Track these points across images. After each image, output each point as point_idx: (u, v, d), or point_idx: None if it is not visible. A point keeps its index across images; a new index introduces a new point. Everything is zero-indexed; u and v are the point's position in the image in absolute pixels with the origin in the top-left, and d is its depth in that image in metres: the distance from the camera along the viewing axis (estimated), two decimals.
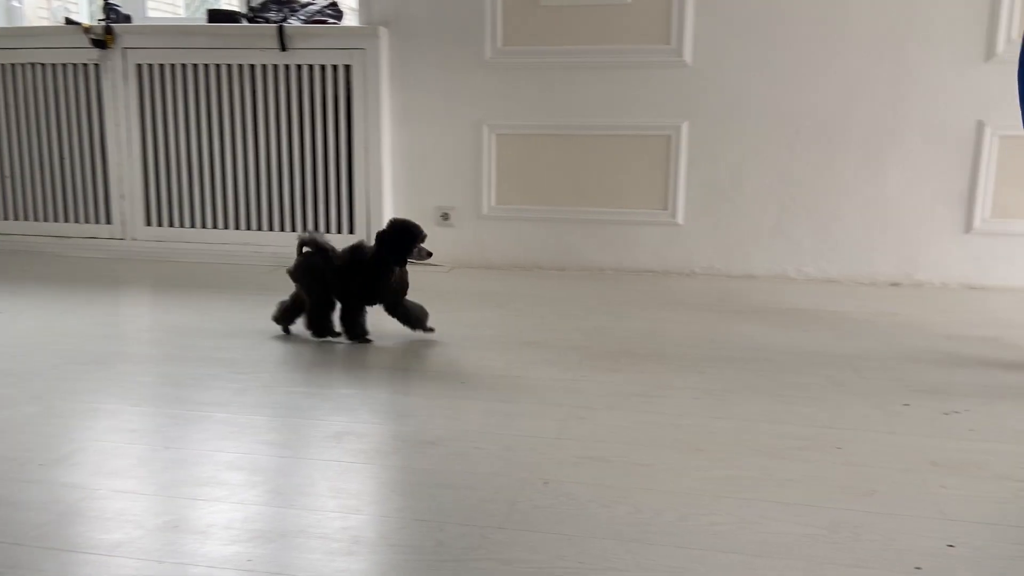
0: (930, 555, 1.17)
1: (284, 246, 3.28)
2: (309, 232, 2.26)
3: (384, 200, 3.21)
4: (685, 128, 3.07)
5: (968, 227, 2.92)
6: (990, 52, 2.80)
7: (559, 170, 3.19)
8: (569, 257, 3.23)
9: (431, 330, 2.28)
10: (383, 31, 3.14)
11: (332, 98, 3.19)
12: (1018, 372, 2.01)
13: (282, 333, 2.31)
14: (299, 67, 3.19)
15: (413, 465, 1.46)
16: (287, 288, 2.97)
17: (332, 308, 2.24)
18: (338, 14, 3.41)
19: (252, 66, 3.23)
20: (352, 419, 1.67)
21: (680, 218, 3.14)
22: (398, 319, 2.26)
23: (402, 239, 2.19)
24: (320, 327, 2.24)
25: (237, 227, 3.34)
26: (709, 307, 2.68)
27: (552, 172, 3.19)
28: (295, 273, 2.25)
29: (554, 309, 2.62)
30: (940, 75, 2.85)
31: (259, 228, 3.32)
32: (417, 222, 2.25)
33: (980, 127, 2.85)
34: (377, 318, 2.28)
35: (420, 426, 1.64)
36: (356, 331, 2.24)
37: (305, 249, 2.25)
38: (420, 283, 3.00)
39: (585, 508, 1.30)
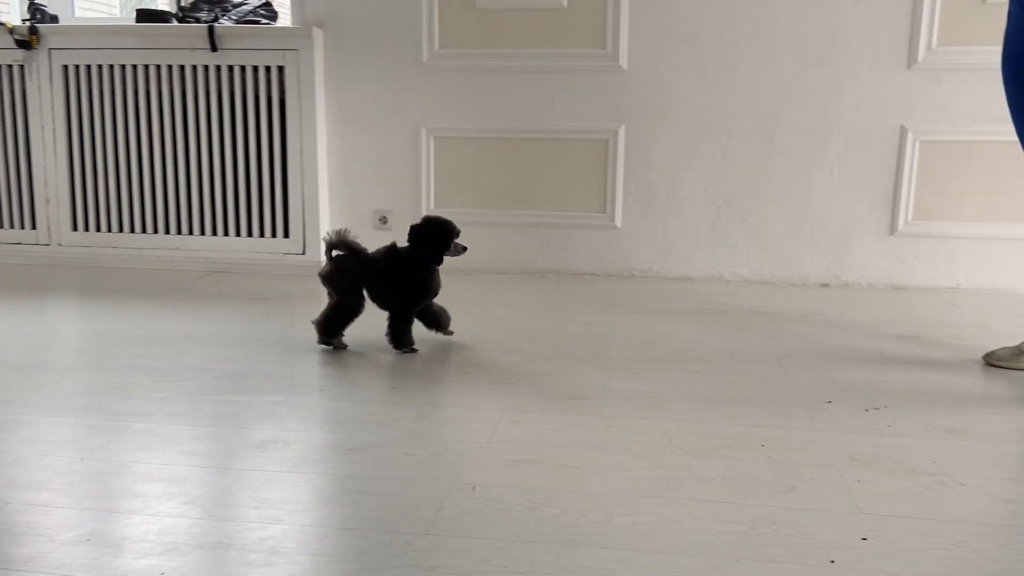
0: (844, 548, 1.20)
1: (216, 251, 3.22)
2: (338, 232, 2.15)
3: (320, 203, 3.17)
4: (622, 132, 3.10)
5: (893, 229, 3.01)
6: (912, 60, 2.89)
7: (498, 173, 3.19)
8: (509, 260, 3.24)
9: (451, 332, 2.28)
10: (317, 32, 3.10)
11: (266, 100, 3.14)
12: (936, 370, 2.08)
13: (328, 349, 2.19)
14: (231, 68, 3.14)
15: (339, 472, 1.44)
16: (217, 292, 2.92)
17: (354, 317, 2.15)
18: (272, 14, 3.36)
19: (182, 67, 3.16)
20: (278, 427, 1.65)
21: (618, 221, 3.17)
22: (423, 320, 2.23)
23: (441, 235, 2.14)
24: (333, 330, 2.15)
25: (167, 232, 3.26)
26: (646, 309, 2.71)
27: (491, 175, 3.19)
28: (330, 277, 2.13)
29: (492, 313, 2.62)
30: (865, 82, 2.94)
31: (190, 232, 3.25)
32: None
33: (903, 132, 2.94)
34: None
35: (349, 433, 1.62)
36: (407, 339, 2.16)
37: (335, 252, 2.16)
38: None
39: (511, 512, 1.30)
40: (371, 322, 2.28)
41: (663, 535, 1.23)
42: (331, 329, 2.16)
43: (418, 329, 2.23)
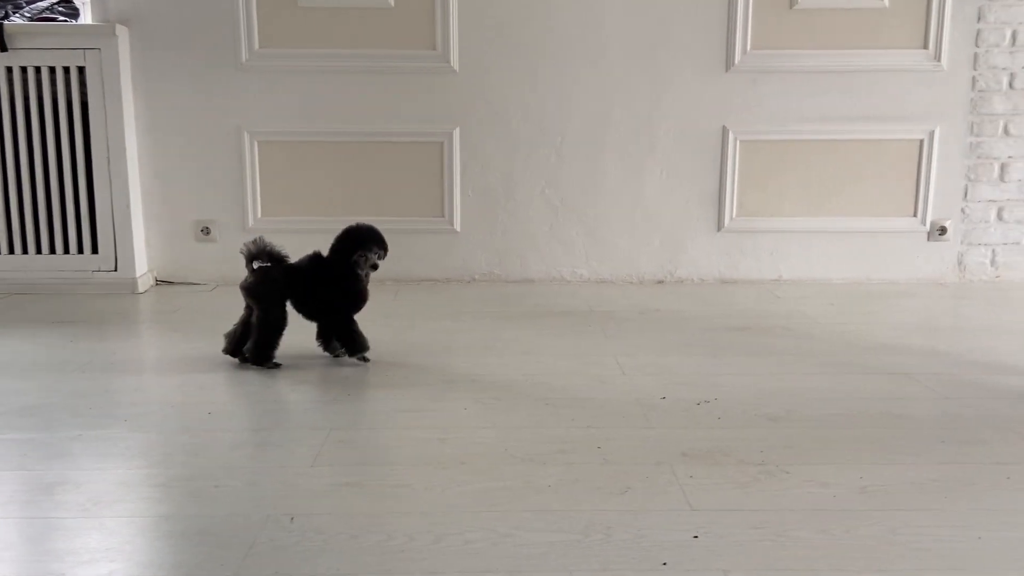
0: (676, 548, 1.18)
1: (13, 271, 2.89)
2: (255, 241, 2.00)
3: (134, 215, 2.91)
4: (457, 134, 3.04)
5: (720, 226, 3.12)
6: (729, 63, 3.01)
7: (330, 179, 3.05)
8: None
9: (340, 354, 2.09)
10: (122, 30, 2.85)
11: (65, 103, 2.85)
12: (763, 359, 2.15)
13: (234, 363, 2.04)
14: (24, 69, 2.82)
15: (138, 514, 1.28)
16: (14, 318, 2.64)
17: (283, 331, 2.01)
18: (72, 11, 3.07)
19: None
20: (71, 466, 1.46)
21: (457, 225, 3.11)
22: (321, 335, 2.09)
23: (349, 243, 2.03)
24: (268, 353, 2.00)
25: None
26: (488, 313, 2.66)
27: (322, 181, 3.05)
28: (254, 289, 1.98)
29: None
30: (688, 84, 3.03)
31: None
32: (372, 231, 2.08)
33: (724, 132, 3.06)
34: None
35: (152, 468, 1.46)
36: (361, 344, 2.05)
37: (256, 263, 1.99)
38: (176, 304, 2.75)
39: (332, 542, 1.20)
40: (196, 342, 2.10)
41: (495, 552, 1.17)
42: (265, 352, 2.00)
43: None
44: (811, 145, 3.06)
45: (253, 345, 2.01)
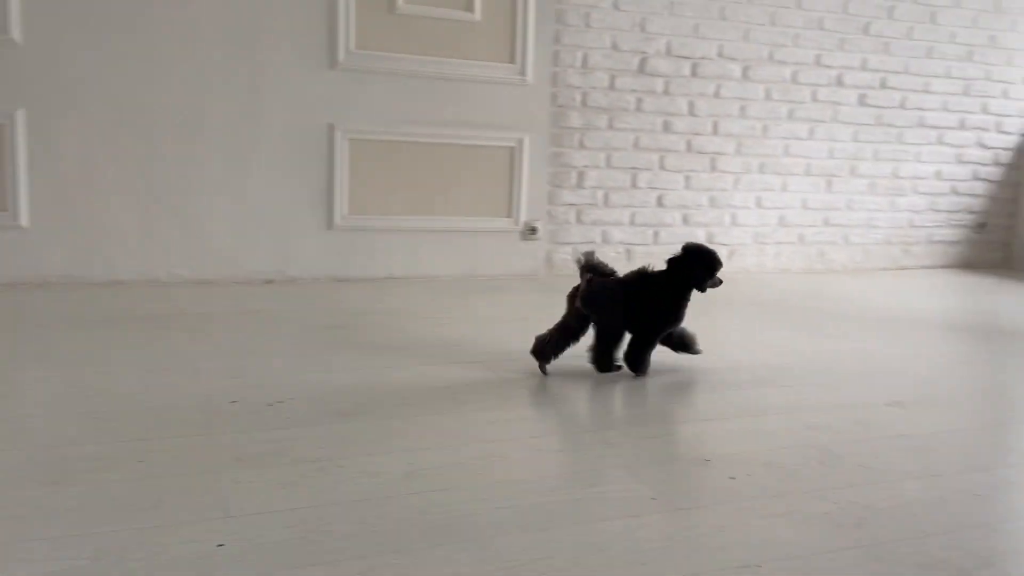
0: (196, 560, 1.09)
1: None
2: (587, 254, 2.03)
3: None
4: (21, 117, 2.64)
5: (330, 224, 3.09)
6: (333, 61, 2.99)
7: None
8: None
9: (700, 351, 2.15)
10: None
11: None
12: (347, 354, 2.14)
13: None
14: None
15: None
16: None
17: (622, 338, 2.03)
18: None
19: None
20: None
21: (24, 220, 2.70)
22: (670, 344, 2.11)
23: (707, 266, 2.01)
24: (610, 361, 2.03)
25: None
26: (56, 321, 2.34)
27: None
28: (594, 300, 1.97)
29: None
30: (291, 79, 2.95)
31: None
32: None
33: (331, 130, 3.03)
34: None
35: None
36: (646, 365, 2.05)
37: (588, 275, 1.98)
38: None
39: None
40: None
41: None
42: (610, 361, 2.03)
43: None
44: (416, 147, 3.16)
45: (598, 352, 2.02)
